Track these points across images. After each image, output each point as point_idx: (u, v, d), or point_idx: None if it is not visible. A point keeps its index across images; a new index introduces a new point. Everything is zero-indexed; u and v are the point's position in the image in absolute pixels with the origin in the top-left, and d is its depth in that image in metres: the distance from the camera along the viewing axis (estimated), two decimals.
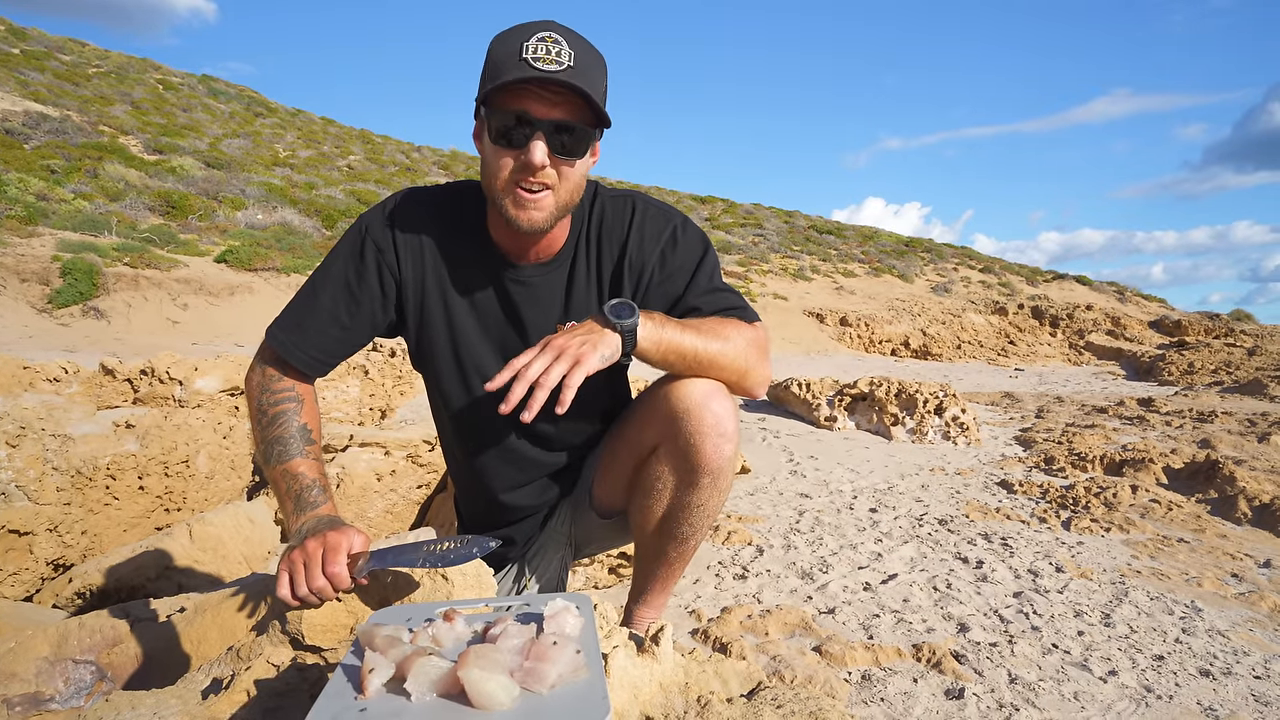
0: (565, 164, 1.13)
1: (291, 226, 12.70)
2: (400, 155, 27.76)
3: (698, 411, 1.20)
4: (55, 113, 17.01)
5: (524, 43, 1.07)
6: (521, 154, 1.10)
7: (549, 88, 1.08)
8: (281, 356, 1.24)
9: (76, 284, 8.14)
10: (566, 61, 1.07)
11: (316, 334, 1.25)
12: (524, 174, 1.11)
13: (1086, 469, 3.98)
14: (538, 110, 1.09)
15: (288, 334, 1.25)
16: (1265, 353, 12.38)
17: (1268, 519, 2.97)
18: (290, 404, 1.21)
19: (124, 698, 0.84)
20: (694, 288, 1.28)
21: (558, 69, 1.06)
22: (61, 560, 1.98)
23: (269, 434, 1.18)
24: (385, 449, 2.67)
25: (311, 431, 1.20)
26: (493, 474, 1.42)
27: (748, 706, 0.70)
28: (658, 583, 1.41)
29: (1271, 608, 2.12)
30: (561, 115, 1.10)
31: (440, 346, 1.31)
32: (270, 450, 1.16)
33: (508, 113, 1.09)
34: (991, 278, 23.55)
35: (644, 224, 1.30)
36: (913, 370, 12.18)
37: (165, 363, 3.19)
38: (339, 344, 1.27)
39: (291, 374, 1.25)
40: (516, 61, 1.06)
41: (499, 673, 0.60)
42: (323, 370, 1.27)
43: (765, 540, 2.66)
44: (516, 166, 1.12)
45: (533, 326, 1.29)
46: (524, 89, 1.08)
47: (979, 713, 1.49)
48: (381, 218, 1.28)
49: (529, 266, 1.27)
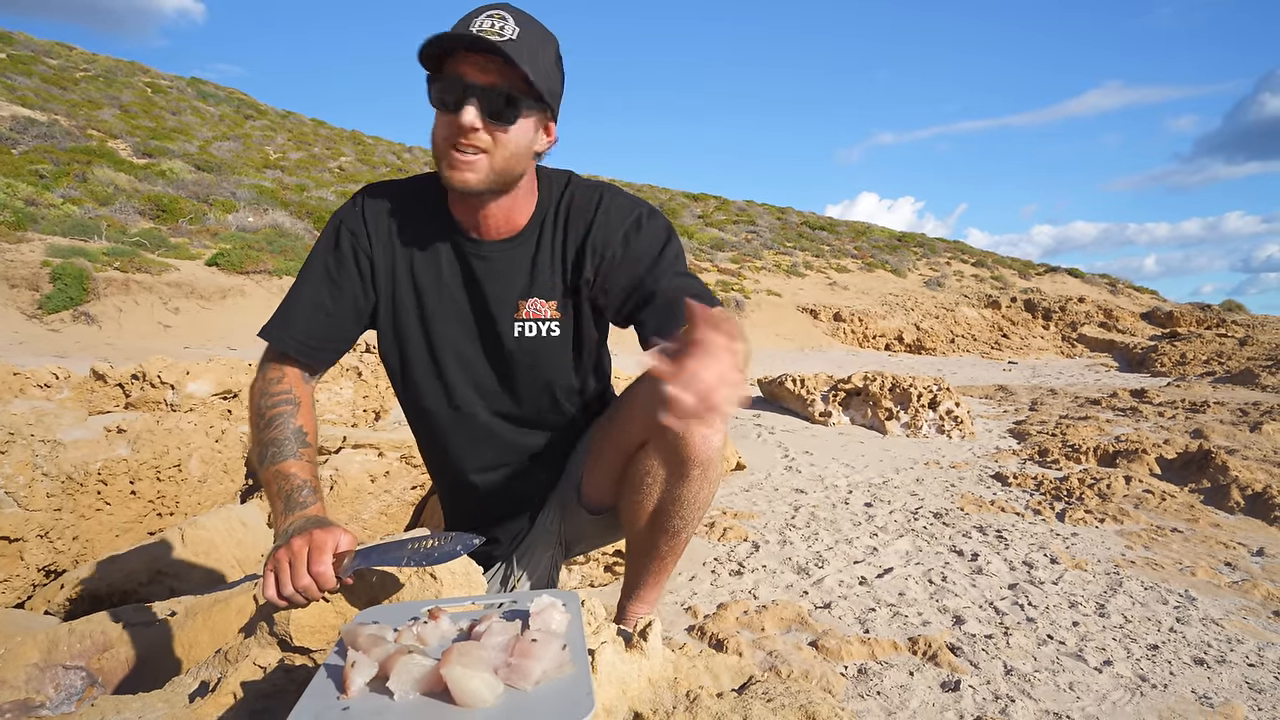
0: (499, 129, 1.17)
1: (283, 229, 12.65)
2: (391, 156, 27.70)
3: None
4: (43, 117, 16.92)
5: (476, 17, 1.13)
6: (455, 117, 1.15)
7: (483, 54, 1.13)
8: (275, 349, 1.29)
9: (66, 289, 8.09)
10: (509, 35, 1.12)
11: (304, 321, 1.29)
12: (457, 135, 1.16)
13: (1080, 461, 4.00)
14: (471, 75, 1.13)
15: (277, 327, 1.29)
16: (1256, 343, 12.45)
17: (1260, 508, 2.98)
18: (286, 407, 1.22)
19: (110, 702, 0.83)
20: (655, 271, 1.28)
21: (498, 39, 1.11)
22: (53, 566, 1.96)
23: (264, 436, 1.19)
24: (379, 450, 2.66)
25: (307, 434, 1.21)
26: (466, 454, 1.42)
27: (738, 701, 0.69)
28: (650, 578, 1.41)
29: (1264, 595, 2.13)
30: (493, 80, 1.14)
31: (411, 328, 1.34)
32: (265, 452, 1.18)
33: (445, 78, 1.15)
34: (984, 271, 23.62)
35: (610, 208, 1.33)
36: (906, 365, 12.21)
37: (157, 367, 3.17)
38: (326, 329, 1.30)
39: (289, 373, 1.27)
40: (461, 32, 1.12)
41: (482, 670, 0.60)
42: (316, 357, 1.30)
43: (761, 536, 2.66)
44: (452, 129, 1.16)
45: (495, 299, 1.32)
46: (464, 56, 1.13)
47: (975, 704, 1.50)
48: (352, 209, 1.34)
49: (491, 242, 1.31)
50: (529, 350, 1.34)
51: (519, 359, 1.34)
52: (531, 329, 1.33)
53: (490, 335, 1.34)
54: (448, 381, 1.36)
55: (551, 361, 1.36)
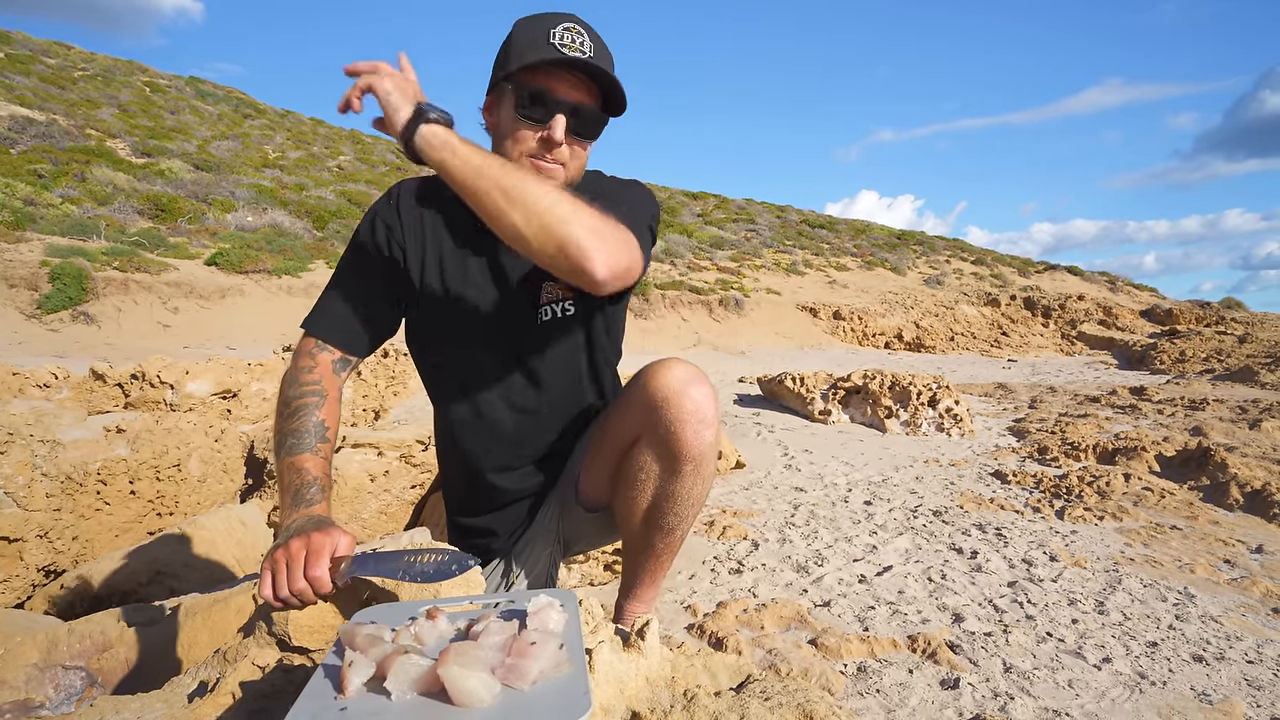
0: (579, 144, 1.24)
1: (282, 228, 12.64)
2: (391, 155, 27.66)
3: (676, 399, 1.21)
4: (42, 116, 16.90)
5: (551, 29, 1.17)
6: (543, 130, 1.20)
7: (574, 72, 1.19)
8: (312, 334, 1.30)
9: (65, 289, 8.09)
10: (589, 51, 1.18)
11: (341, 307, 1.31)
12: (545, 148, 1.21)
13: (1079, 458, 4.00)
14: (562, 91, 1.19)
15: (315, 315, 1.32)
16: (1256, 340, 12.45)
17: (1259, 505, 2.99)
18: (313, 398, 1.22)
19: (109, 702, 0.84)
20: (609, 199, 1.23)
21: (582, 55, 1.17)
22: (53, 566, 1.97)
23: (286, 425, 1.19)
24: (379, 449, 2.66)
25: (328, 429, 1.22)
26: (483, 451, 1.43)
27: (735, 699, 0.69)
28: (647, 576, 1.41)
29: (1263, 592, 2.13)
30: (582, 98, 1.21)
31: (438, 319, 1.35)
32: (284, 442, 1.18)
33: (536, 90, 1.19)
34: (984, 269, 23.62)
35: (601, 178, 1.40)
36: (906, 363, 12.20)
37: (156, 367, 3.17)
38: (364, 316, 1.32)
39: (321, 363, 1.28)
40: (545, 44, 1.17)
41: (479, 669, 0.60)
42: (354, 343, 1.31)
43: (760, 534, 2.66)
44: (537, 140, 1.21)
45: (519, 288, 1.34)
46: (552, 71, 1.19)
47: (974, 702, 1.50)
48: (387, 202, 1.36)
49: None
50: (551, 333, 1.36)
51: (541, 344, 1.36)
52: (549, 312, 1.35)
53: (515, 324, 1.35)
54: (472, 373, 1.37)
55: (571, 341, 1.39)
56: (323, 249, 11.85)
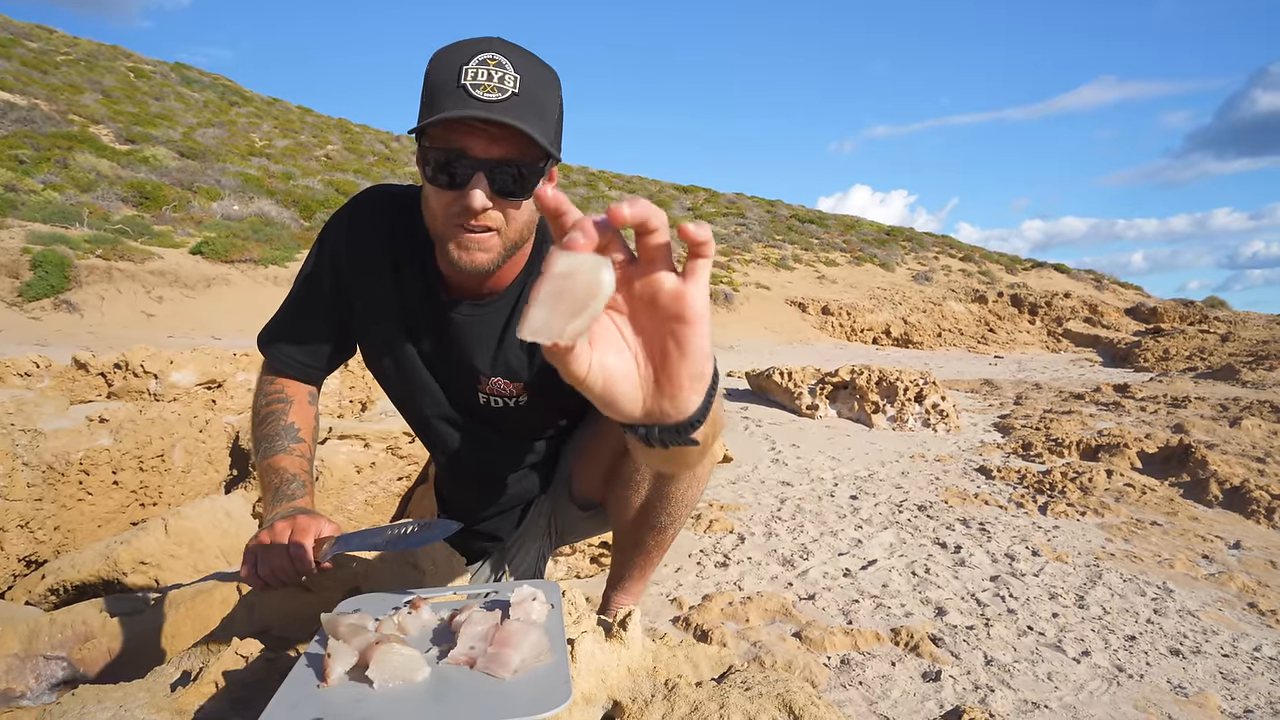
0: (510, 205, 1.03)
1: (269, 217, 12.53)
2: (379, 145, 27.44)
3: None
4: (23, 101, 16.64)
5: (463, 66, 0.96)
6: (460, 196, 1.00)
7: (490, 122, 0.96)
8: (268, 362, 1.32)
9: (47, 277, 7.99)
10: (510, 88, 0.96)
11: (290, 345, 1.30)
12: (464, 217, 1.01)
13: (1063, 454, 4.04)
14: (477, 148, 0.98)
15: (272, 346, 1.31)
16: (1238, 339, 12.60)
17: (1238, 501, 3.03)
18: (280, 404, 1.26)
19: (90, 691, 0.83)
20: None
21: (499, 97, 0.95)
22: (34, 556, 1.95)
23: (259, 432, 1.24)
24: (365, 441, 2.65)
25: (299, 430, 1.24)
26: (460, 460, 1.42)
27: (716, 689, 0.70)
28: (636, 571, 1.42)
29: (1240, 588, 2.16)
30: (503, 153, 0.99)
31: (385, 363, 1.30)
32: (259, 447, 1.22)
33: (444, 150, 0.99)
34: (971, 266, 23.75)
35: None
36: (894, 358, 12.27)
37: (140, 356, 3.14)
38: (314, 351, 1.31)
39: (285, 377, 1.31)
40: (454, 89, 0.95)
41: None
42: (312, 375, 1.32)
43: (747, 528, 2.68)
44: (456, 208, 1.01)
45: (460, 365, 1.24)
46: (459, 124, 0.97)
47: (955, 694, 1.51)
48: (342, 229, 1.24)
49: (466, 303, 1.21)
50: (497, 414, 1.29)
51: (488, 418, 1.31)
52: (497, 401, 1.26)
53: (457, 393, 1.29)
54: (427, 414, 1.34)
55: (523, 421, 1.31)
56: (309, 239, 11.76)
